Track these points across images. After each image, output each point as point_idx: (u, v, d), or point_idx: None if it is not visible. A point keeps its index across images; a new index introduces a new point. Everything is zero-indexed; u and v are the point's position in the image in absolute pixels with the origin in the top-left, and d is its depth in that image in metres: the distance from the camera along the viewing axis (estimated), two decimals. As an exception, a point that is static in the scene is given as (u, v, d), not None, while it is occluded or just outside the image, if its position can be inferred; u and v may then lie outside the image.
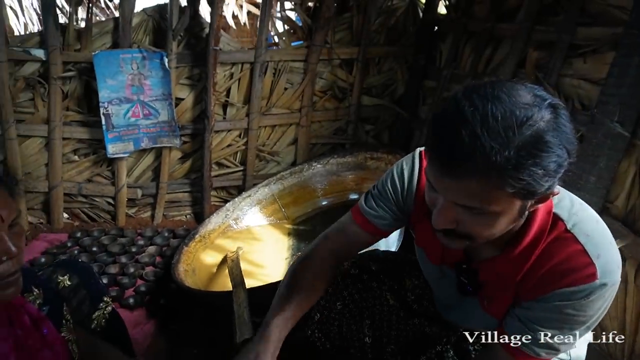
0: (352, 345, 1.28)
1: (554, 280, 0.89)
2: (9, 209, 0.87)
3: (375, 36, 2.99)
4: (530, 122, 0.72)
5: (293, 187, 2.93)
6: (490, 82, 0.78)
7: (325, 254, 1.21)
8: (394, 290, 1.30)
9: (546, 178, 0.74)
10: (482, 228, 0.83)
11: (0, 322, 0.99)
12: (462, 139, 0.72)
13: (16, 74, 2.59)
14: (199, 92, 2.83)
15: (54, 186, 2.80)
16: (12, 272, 0.87)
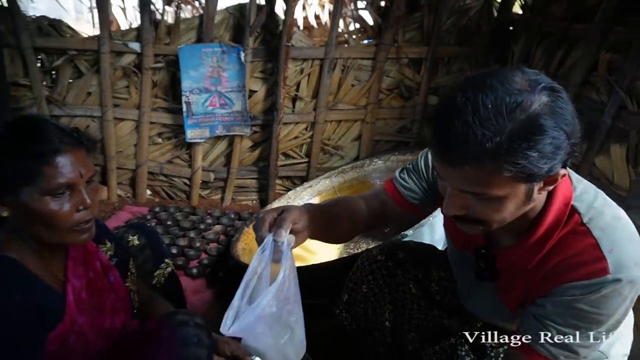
0: (376, 327, 1.35)
1: (564, 272, 0.89)
2: (87, 168, 1.05)
3: (445, 36, 2.98)
4: (522, 107, 0.74)
5: (353, 180, 3.01)
6: (485, 72, 0.81)
7: (364, 207, 1.24)
8: (418, 279, 1.34)
9: (544, 160, 0.75)
10: (491, 212, 0.85)
11: (78, 263, 1.19)
12: (455, 128, 0.76)
13: (115, 64, 2.94)
14: (271, 85, 3.00)
15: (140, 164, 3.14)
16: (86, 220, 1.05)
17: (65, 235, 1.03)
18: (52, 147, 0.98)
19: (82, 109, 3.02)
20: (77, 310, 1.11)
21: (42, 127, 1.02)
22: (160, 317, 1.22)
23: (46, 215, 0.98)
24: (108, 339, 1.21)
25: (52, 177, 0.97)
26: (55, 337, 1.04)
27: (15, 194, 0.98)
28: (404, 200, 1.21)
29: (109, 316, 1.22)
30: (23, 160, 0.96)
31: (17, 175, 0.96)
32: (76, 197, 1.02)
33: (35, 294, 1.01)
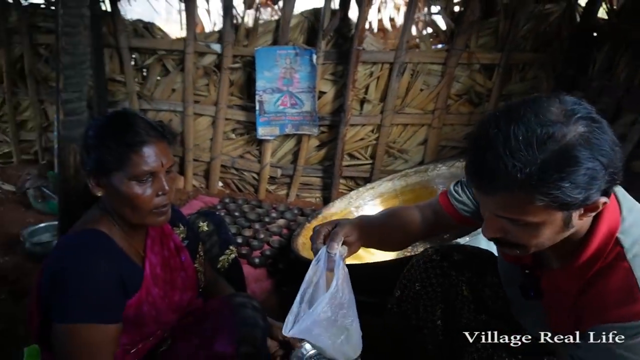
0: (426, 325, 1.38)
1: (600, 309, 0.88)
2: (168, 158, 1.19)
3: (521, 42, 2.89)
4: (554, 138, 0.75)
5: (416, 185, 3.01)
6: (522, 101, 0.82)
7: (419, 217, 1.30)
8: (471, 283, 1.35)
9: (578, 190, 0.76)
10: (528, 237, 0.87)
11: (155, 242, 1.34)
12: (486, 159, 0.79)
13: (198, 64, 3.18)
14: (340, 87, 3.09)
15: (214, 157, 3.37)
16: (164, 205, 1.20)
17: (146, 217, 1.18)
18: (140, 139, 1.13)
19: (167, 104, 3.30)
20: (152, 283, 1.25)
21: (133, 120, 1.17)
22: (222, 298, 1.35)
23: (131, 197, 1.13)
24: (175, 312, 1.35)
25: (138, 165, 1.12)
26: (133, 304, 1.18)
27: (108, 177, 1.14)
28: (456, 212, 1.25)
29: (178, 292, 1.36)
30: (117, 148, 1.11)
31: (111, 160, 1.12)
32: (157, 184, 1.16)
33: (120, 265, 1.16)
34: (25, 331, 1.99)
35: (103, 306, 1.10)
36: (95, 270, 1.09)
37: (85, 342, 1.07)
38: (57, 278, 1.09)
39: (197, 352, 1.24)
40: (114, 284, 1.12)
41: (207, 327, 1.26)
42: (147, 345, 1.31)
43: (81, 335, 1.07)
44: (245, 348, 1.25)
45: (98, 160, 1.14)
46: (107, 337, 1.10)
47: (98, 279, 1.09)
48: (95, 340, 1.08)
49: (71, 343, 1.07)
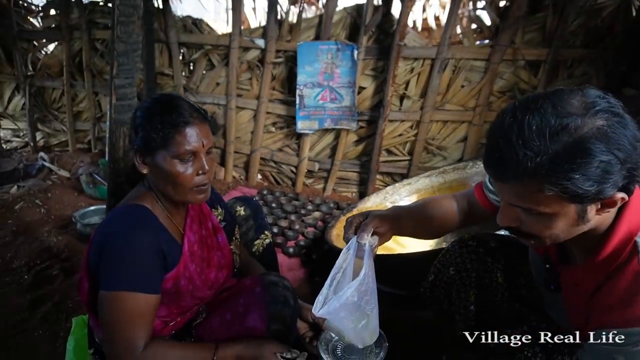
0: (458, 311, 1.37)
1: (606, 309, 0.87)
2: (208, 139, 1.25)
3: (570, 37, 2.79)
4: (567, 129, 0.75)
5: (453, 182, 2.97)
6: (543, 93, 0.82)
7: (453, 205, 1.33)
8: (506, 270, 1.34)
9: (590, 182, 0.75)
10: (541, 228, 0.87)
11: (194, 221, 1.41)
12: (500, 147, 0.80)
13: (242, 58, 3.28)
14: (380, 83, 3.10)
15: (254, 150, 3.45)
16: (204, 183, 1.26)
17: (187, 194, 1.24)
18: (183, 119, 1.20)
19: (211, 97, 3.42)
20: (189, 259, 1.31)
21: (178, 102, 1.24)
22: (256, 276, 1.40)
23: (173, 174, 1.20)
24: (211, 289, 1.41)
25: (181, 144, 1.19)
26: (171, 278, 1.25)
27: (153, 155, 1.21)
28: (490, 204, 1.26)
29: (214, 270, 1.42)
30: (163, 128, 1.18)
31: (156, 139, 1.19)
32: (197, 163, 1.23)
33: (161, 239, 1.23)
34: (75, 304, 2.14)
35: (145, 276, 1.16)
36: (139, 242, 1.16)
37: (127, 309, 1.14)
38: (103, 248, 1.17)
39: (230, 326, 1.29)
40: (155, 256, 1.19)
41: (240, 303, 1.31)
42: (184, 319, 1.37)
43: (123, 302, 1.14)
44: (275, 325, 1.30)
45: (145, 139, 1.21)
46: (147, 306, 1.17)
47: (141, 250, 1.16)
48: (136, 308, 1.14)
49: (114, 309, 1.14)
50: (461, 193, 1.38)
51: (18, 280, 2.31)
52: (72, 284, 2.28)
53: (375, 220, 1.17)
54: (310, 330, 1.51)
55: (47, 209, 3.10)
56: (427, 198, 1.39)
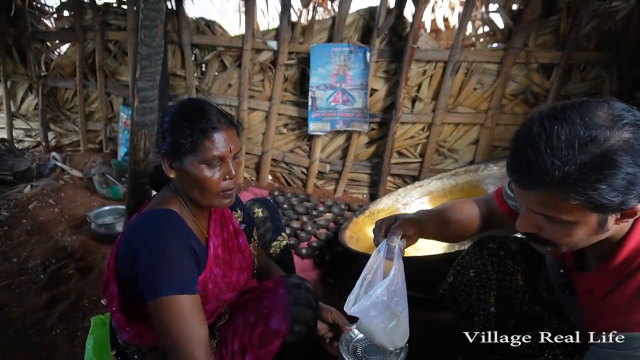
0: (477, 313, 1.38)
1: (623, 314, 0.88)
2: (235, 144, 1.27)
3: (584, 40, 2.79)
4: (596, 141, 0.76)
5: (465, 184, 2.98)
6: (570, 103, 0.83)
7: (475, 210, 1.35)
8: (527, 273, 1.35)
9: (615, 193, 0.77)
10: (561, 235, 0.88)
11: (217, 225, 1.42)
12: (527, 155, 0.81)
13: (254, 60, 3.29)
14: (392, 85, 3.11)
15: (266, 151, 3.47)
16: (230, 188, 1.27)
17: (213, 199, 1.25)
18: (212, 125, 1.21)
19: (223, 99, 3.43)
20: (214, 263, 1.32)
21: (206, 108, 1.25)
22: (277, 278, 1.41)
23: (201, 179, 1.21)
24: (233, 291, 1.42)
25: (209, 150, 1.20)
26: (200, 281, 1.25)
27: (181, 160, 1.22)
28: (510, 210, 1.28)
29: (236, 272, 1.43)
30: (191, 133, 1.20)
31: (185, 144, 1.20)
32: (224, 168, 1.24)
33: (190, 241, 1.23)
34: (91, 303, 2.16)
35: (187, 278, 1.17)
36: (175, 245, 1.17)
37: (180, 312, 1.13)
38: (139, 256, 1.16)
39: (253, 328, 1.30)
40: (191, 257, 1.20)
41: (263, 304, 1.32)
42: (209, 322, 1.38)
43: (175, 306, 1.13)
44: (298, 327, 1.31)
45: (173, 144, 1.22)
46: (196, 305, 1.17)
47: (179, 254, 1.17)
48: (188, 309, 1.14)
49: (167, 315, 1.13)
50: (482, 198, 1.40)
51: (34, 279, 2.33)
52: (88, 283, 2.31)
53: (405, 224, 1.21)
54: (330, 331, 1.53)
55: (61, 209, 3.12)
56: (450, 202, 1.41)
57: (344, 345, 1.42)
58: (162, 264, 1.14)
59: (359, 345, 1.45)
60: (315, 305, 1.38)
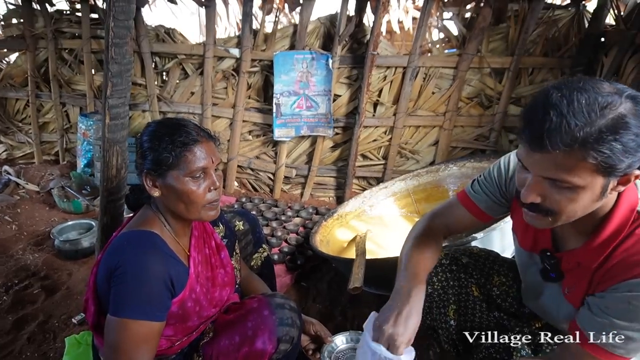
0: (440, 326, 1.47)
1: (624, 271, 0.97)
2: (216, 156, 1.30)
3: (531, 46, 2.99)
4: (611, 106, 0.85)
5: (427, 184, 3.11)
6: (576, 78, 0.92)
7: (441, 228, 1.41)
8: (480, 284, 1.45)
9: (626, 154, 0.85)
10: (565, 202, 0.94)
11: (199, 241, 1.42)
12: (551, 118, 0.87)
13: (217, 67, 3.29)
14: (355, 90, 3.20)
15: (231, 158, 3.47)
16: (215, 199, 1.30)
17: (200, 211, 1.27)
18: (192, 138, 1.24)
19: (186, 107, 3.41)
20: (195, 281, 1.33)
21: (184, 123, 1.28)
22: (261, 298, 1.42)
23: (187, 193, 1.23)
24: (216, 307, 1.44)
25: (193, 162, 1.22)
26: (177, 301, 1.27)
27: (164, 177, 1.24)
28: (479, 210, 1.34)
29: (218, 288, 1.44)
30: (173, 148, 1.22)
31: (169, 159, 1.21)
32: (208, 180, 1.27)
33: (170, 266, 1.24)
34: (61, 322, 2.11)
35: (153, 305, 1.18)
36: (149, 272, 1.18)
37: (133, 335, 1.16)
38: (114, 275, 1.18)
39: (239, 348, 1.32)
40: (163, 286, 1.20)
41: (248, 326, 1.34)
42: (190, 339, 1.39)
43: (130, 329, 1.16)
44: (284, 346, 1.34)
45: (155, 161, 1.23)
46: (152, 332, 1.19)
47: (151, 281, 1.18)
48: (142, 334, 1.17)
49: (120, 334, 1.16)
50: (443, 207, 1.43)
51: (-3, 302, 2.25)
52: (56, 302, 2.25)
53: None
54: (312, 343, 1.56)
55: (19, 225, 3.00)
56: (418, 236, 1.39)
57: (326, 357, 1.45)
58: (131, 288, 1.16)
59: (341, 356, 1.49)
60: (300, 323, 1.41)
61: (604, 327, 1.01)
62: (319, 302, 2.34)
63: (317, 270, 2.61)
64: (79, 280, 2.45)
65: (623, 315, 0.98)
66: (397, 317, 1.16)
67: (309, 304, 2.33)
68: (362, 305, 2.25)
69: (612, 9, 2.77)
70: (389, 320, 1.16)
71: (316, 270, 2.61)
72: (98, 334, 1.31)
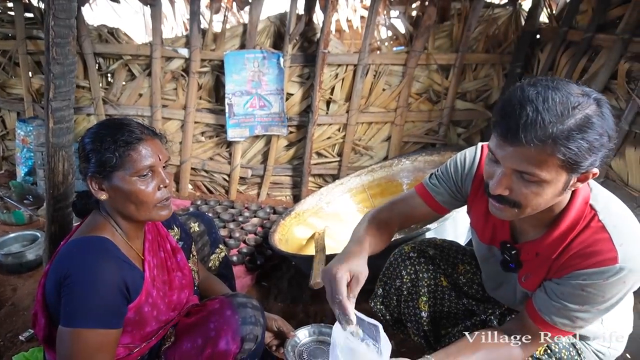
0: (409, 319, 1.51)
1: (580, 260, 1.05)
2: (163, 153, 1.26)
3: (473, 43, 3.13)
4: (581, 107, 0.92)
5: (382, 179, 3.18)
6: (549, 77, 0.98)
7: (395, 215, 1.45)
8: (447, 273, 1.51)
9: (590, 153, 0.92)
10: (532, 196, 1.00)
11: (152, 245, 1.38)
12: (527, 113, 0.92)
13: (165, 68, 3.20)
14: (307, 89, 3.21)
15: (184, 161, 3.40)
16: (166, 197, 1.27)
17: (151, 211, 1.24)
18: (136, 136, 1.20)
19: (134, 109, 3.29)
20: (151, 285, 1.30)
21: (126, 122, 1.24)
22: (223, 298, 1.40)
23: (135, 193, 1.20)
24: (174, 311, 1.41)
25: (138, 161, 1.19)
26: (134, 307, 1.23)
27: (110, 179, 1.20)
28: (435, 203, 1.40)
29: (176, 292, 1.42)
30: (117, 148, 1.18)
31: (113, 159, 1.17)
32: (157, 178, 1.23)
33: (123, 271, 1.20)
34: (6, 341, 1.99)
35: (107, 313, 1.14)
36: (102, 279, 1.13)
37: (88, 345, 1.11)
38: (64, 284, 1.13)
39: (202, 350, 1.30)
40: (118, 292, 1.16)
41: (210, 327, 1.32)
42: (149, 345, 1.35)
43: (84, 339, 1.11)
44: (248, 345, 1.33)
45: (99, 162, 1.19)
46: (108, 340, 1.15)
47: (104, 288, 1.13)
48: (97, 343, 1.13)
49: (74, 346, 1.11)
50: (400, 198, 1.48)
51: None
52: (0, 320, 2.11)
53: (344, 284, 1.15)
54: (275, 339, 1.55)
55: (-46, 241, 2.79)
56: (374, 221, 1.42)
57: (289, 351, 1.45)
58: (83, 297, 1.11)
59: (304, 349, 1.49)
60: (263, 321, 1.40)
61: (558, 310, 1.09)
62: (281, 301, 2.34)
63: (278, 269, 2.61)
64: (24, 295, 2.31)
65: (575, 300, 1.07)
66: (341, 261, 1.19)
67: (270, 302, 2.33)
68: (323, 301, 2.25)
69: (545, 8, 2.94)
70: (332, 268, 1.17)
71: (276, 269, 2.61)
72: (50, 348, 1.25)
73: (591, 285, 1.03)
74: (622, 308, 1.28)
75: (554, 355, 1.22)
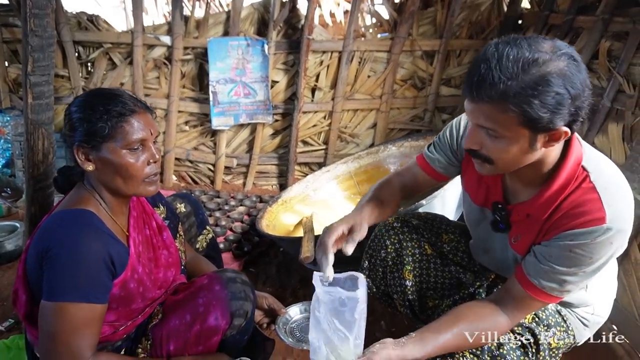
0: (395, 290, 1.51)
1: (569, 220, 1.05)
2: (154, 128, 1.24)
3: (457, 30, 3.14)
4: (537, 63, 0.91)
5: (368, 166, 3.18)
6: (523, 36, 0.97)
7: (397, 184, 1.48)
8: (431, 242, 1.52)
9: (544, 110, 0.92)
10: (498, 151, 1.02)
11: (137, 221, 1.35)
12: (480, 71, 0.94)
13: (147, 56, 3.15)
14: (292, 76, 3.19)
15: (168, 151, 3.35)
16: (155, 173, 1.24)
17: (139, 186, 1.21)
18: (130, 108, 1.17)
19: (116, 98, 3.22)
20: (137, 261, 1.26)
21: (119, 93, 1.21)
22: (212, 274, 1.38)
23: (125, 166, 1.17)
24: (161, 289, 1.37)
25: (130, 133, 1.16)
26: (119, 282, 1.19)
27: (99, 149, 1.16)
28: (433, 170, 1.42)
29: (162, 269, 1.38)
30: (109, 118, 1.14)
31: (104, 129, 1.14)
32: (147, 152, 1.21)
33: (108, 245, 1.17)
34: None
35: (92, 286, 1.11)
36: (86, 251, 1.10)
37: (71, 319, 1.08)
38: (47, 257, 1.10)
39: (190, 327, 1.28)
40: (103, 265, 1.13)
41: (199, 302, 1.30)
42: (135, 323, 1.32)
43: (68, 314, 1.08)
44: (237, 321, 1.31)
45: (88, 132, 1.15)
46: (93, 316, 1.12)
47: (88, 260, 1.10)
48: (82, 318, 1.09)
49: (58, 320, 1.08)
50: (404, 168, 1.53)
51: None
52: (-18, 312, 2.05)
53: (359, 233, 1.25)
54: (266, 317, 1.54)
55: None
56: (378, 185, 1.48)
57: (281, 328, 1.44)
58: (67, 269, 1.08)
59: (296, 326, 1.49)
60: (253, 296, 1.38)
61: (546, 273, 1.09)
62: (269, 286, 2.32)
63: (265, 255, 2.58)
64: (4, 286, 2.25)
65: (563, 262, 1.07)
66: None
67: (259, 288, 2.30)
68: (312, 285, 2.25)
69: (527, -7, 2.98)
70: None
71: (264, 255, 2.58)
72: (31, 325, 1.21)
73: (579, 245, 1.04)
74: (606, 275, 1.29)
75: (541, 323, 1.23)
